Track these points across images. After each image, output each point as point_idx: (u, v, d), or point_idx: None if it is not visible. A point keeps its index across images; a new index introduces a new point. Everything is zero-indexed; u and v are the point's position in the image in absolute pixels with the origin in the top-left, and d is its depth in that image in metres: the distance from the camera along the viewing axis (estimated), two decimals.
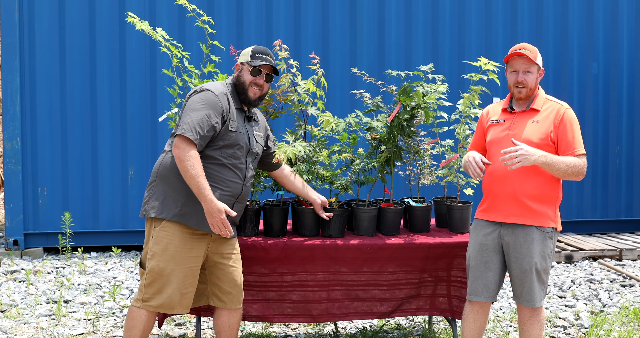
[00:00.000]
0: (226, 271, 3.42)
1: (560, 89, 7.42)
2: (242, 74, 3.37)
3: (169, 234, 3.25)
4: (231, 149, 3.28)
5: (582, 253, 6.62)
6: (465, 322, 3.55)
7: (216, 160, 3.26)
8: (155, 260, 3.25)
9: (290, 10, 7.03)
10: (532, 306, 3.38)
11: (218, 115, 3.20)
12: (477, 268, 3.47)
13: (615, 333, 4.47)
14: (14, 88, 6.66)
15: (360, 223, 3.94)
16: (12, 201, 6.70)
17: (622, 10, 7.55)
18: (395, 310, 3.95)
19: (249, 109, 3.45)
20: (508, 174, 3.34)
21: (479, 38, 7.33)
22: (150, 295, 3.26)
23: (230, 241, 3.45)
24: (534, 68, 3.40)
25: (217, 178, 3.26)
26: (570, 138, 3.32)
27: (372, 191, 4.16)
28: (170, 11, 6.79)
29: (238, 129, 3.30)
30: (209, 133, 3.19)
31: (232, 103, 3.31)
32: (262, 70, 3.36)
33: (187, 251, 3.27)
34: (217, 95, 3.24)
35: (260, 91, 3.38)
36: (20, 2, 6.63)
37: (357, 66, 6.78)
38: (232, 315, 3.49)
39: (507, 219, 3.38)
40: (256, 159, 3.50)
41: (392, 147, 3.99)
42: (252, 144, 3.41)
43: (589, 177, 7.55)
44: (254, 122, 3.50)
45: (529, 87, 3.41)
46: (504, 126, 3.45)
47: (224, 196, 3.28)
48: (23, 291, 5.43)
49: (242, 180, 3.35)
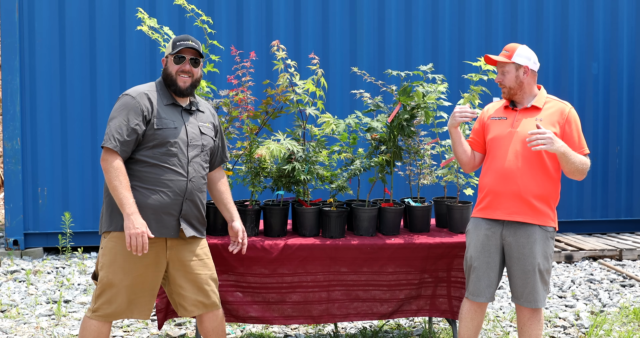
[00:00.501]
0: (188, 278, 3.28)
1: (560, 89, 7.42)
2: (168, 67, 3.27)
3: (117, 245, 3.16)
4: (163, 147, 3.16)
5: (582, 253, 6.61)
6: (463, 321, 3.54)
7: (150, 162, 3.15)
8: (104, 271, 3.18)
9: (290, 10, 7.03)
10: (535, 307, 3.36)
11: (138, 116, 3.11)
12: (480, 268, 3.44)
13: (615, 333, 4.47)
14: (14, 88, 6.66)
15: (360, 223, 3.94)
16: (12, 201, 6.70)
17: (622, 10, 7.55)
18: (396, 311, 3.95)
19: (190, 102, 3.33)
20: (512, 173, 3.33)
21: (479, 38, 7.33)
22: (99, 305, 3.19)
23: (190, 246, 3.30)
24: (509, 67, 3.42)
25: (155, 180, 3.15)
26: (576, 137, 3.34)
27: (372, 191, 4.16)
28: (170, 11, 6.79)
29: (166, 126, 3.17)
30: (131, 137, 3.10)
31: (157, 101, 3.20)
32: (185, 56, 3.25)
33: (138, 260, 3.15)
34: (135, 97, 3.16)
35: (190, 78, 3.25)
36: (20, 2, 6.63)
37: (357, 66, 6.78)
38: (212, 319, 3.39)
39: (511, 217, 3.35)
40: (206, 152, 3.33)
41: (392, 147, 3.99)
42: (191, 137, 3.25)
43: (589, 177, 7.55)
44: (197, 113, 3.34)
45: (508, 86, 3.43)
46: (506, 123, 3.44)
47: (167, 197, 3.16)
48: (23, 291, 5.43)
49: (185, 176, 3.21)
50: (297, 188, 4.03)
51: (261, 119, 4.07)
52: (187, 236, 3.24)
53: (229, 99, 3.99)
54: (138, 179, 3.15)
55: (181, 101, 3.31)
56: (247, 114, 3.96)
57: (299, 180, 3.92)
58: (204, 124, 3.35)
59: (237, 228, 3.47)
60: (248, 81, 3.96)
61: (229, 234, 3.54)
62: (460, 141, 3.56)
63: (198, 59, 3.30)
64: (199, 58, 3.30)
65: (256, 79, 4.18)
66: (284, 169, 3.91)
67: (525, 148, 3.32)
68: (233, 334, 4.48)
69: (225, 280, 3.81)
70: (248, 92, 3.96)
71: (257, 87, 4.29)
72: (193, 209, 3.28)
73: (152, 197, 3.15)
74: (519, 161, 3.33)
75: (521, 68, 3.41)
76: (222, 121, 3.97)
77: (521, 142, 3.34)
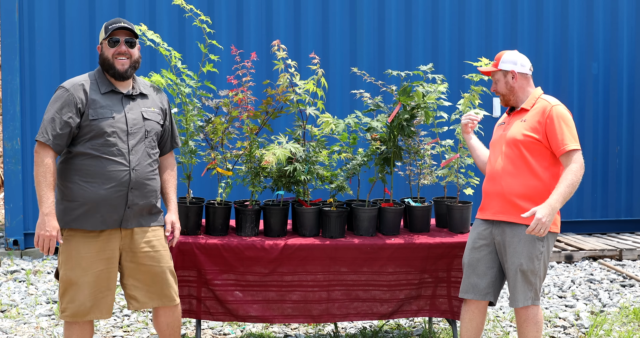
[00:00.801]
0: (141, 270, 3.22)
1: (560, 89, 7.41)
2: (103, 52, 3.19)
3: (71, 241, 3.12)
4: (100, 138, 3.09)
5: (582, 253, 6.61)
6: (462, 322, 3.58)
7: (89, 154, 3.09)
8: (63, 270, 3.15)
9: (290, 10, 7.03)
10: (514, 306, 3.40)
11: (71, 109, 3.06)
12: (469, 266, 3.52)
13: (615, 333, 4.47)
14: (14, 88, 6.66)
15: (360, 223, 3.94)
16: (12, 201, 6.69)
17: (622, 10, 7.54)
18: (396, 311, 3.95)
19: (133, 86, 3.24)
20: (497, 174, 3.42)
21: (479, 38, 7.32)
22: (65, 305, 3.15)
23: (145, 236, 3.22)
24: (498, 75, 3.51)
25: (95, 172, 3.08)
26: (559, 134, 3.31)
27: (372, 191, 4.16)
28: (170, 11, 6.79)
29: (102, 115, 3.10)
30: (63, 131, 3.05)
31: (93, 91, 3.13)
32: (119, 39, 3.16)
33: (95, 255, 3.12)
34: (68, 89, 3.11)
35: (128, 60, 3.17)
36: (20, 2, 6.63)
37: (357, 66, 6.78)
38: (168, 314, 3.31)
39: (496, 216, 3.42)
40: (151, 138, 3.24)
41: (392, 147, 3.99)
42: (132, 124, 3.16)
43: (589, 177, 7.55)
44: (139, 98, 3.25)
45: (502, 93, 3.53)
46: (502, 128, 3.55)
47: (110, 189, 3.09)
48: (23, 291, 5.43)
49: (127, 166, 3.12)
50: (297, 188, 4.03)
51: (261, 119, 4.07)
52: (131, 227, 3.17)
53: (229, 99, 3.99)
54: (80, 173, 3.10)
55: (122, 86, 3.22)
56: (247, 114, 3.96)
57: (299, 180, 3.92)
58: (148, 109, 3.25)
59: (166, 220, 3.36)
60: (248, 81, 3.95)
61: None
62: (472, 146, 3.70)
63: (133, 39, 3.22)
64: (134, 39, 3.22)
65: (256, 79, 4.18)
66: (284, 170, 3.91)
67: (509, 149, 3.41)
68: (233, 334, 4.48)
69: (225, 279, 3.81)
70: (248, 92, 3.96)
71: (257, 87, 4.28)
72: (141, 199, 3.19)
73: (94, 190, 3.08)
74: (503, 162, 3.41)
75: (508, 74, 3.48)
76: (222, 121, 3.97)
77: (506, 144, 3.42)
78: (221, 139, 3.99)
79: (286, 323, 4.66)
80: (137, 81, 3.30)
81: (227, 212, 3.94)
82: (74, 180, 3.10)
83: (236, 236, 3.90)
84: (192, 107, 3.95)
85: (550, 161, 3.36)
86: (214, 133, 3.96)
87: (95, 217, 3.10)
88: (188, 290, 3.83)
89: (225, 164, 4.03)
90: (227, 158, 4.03)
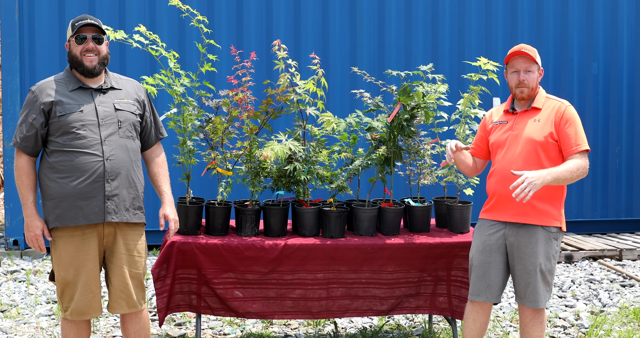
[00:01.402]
0: (116, 272, 3.24)
1: (560, 89, 7.41)
2: (71, 49, 3.21)
3: (59, 242, 3.16)
4: (71, 133, 3.11)
5: (582, 253, 6.61)
6: (466, 322, 3.56)
7: (61, 150, 3.11)
8: (57, 271, 3.19)
9: (290, 10, 7.03)
10: (535, 307, 3.37)
11: (36, 111, 3.12)
12: (480, 268, 3.46)
13: (615, 333, 4.47)
14: (14, 88, 6.66)
15: (360, 223, 3.94)
16: (12, 201, 6.69)
17: (622, 10, 7.54)
18: (395, 308, 3.95)
19: (104, 81, 3.26)
20: (511, 174, 3.33)
21: (479, 38, 7.32)
22: (66, 304, 3.19)
23: (125, 239, 3.24)
24: (534, 67, 3.42)
25: (68, 167, 3.10)
26: (572, 135, 3.32)
27: (372, 191, 4.16)
28: (170, 11, 6.79)
29: (70, 110, 3.12)
30: (30, 132, 3.13)
31: (60, 89, 3.16)
32: (86, 36, 3.18)
33: (83, 253, 3.16)
34: (34, 91, 3.17)
35: (97, 56, 3.19)
36: (20, 2, 6.63)
37: (357, 66, 6.78)
38: (135, 321, 3.33)
39: (513, 218, 3.38)
40: (125, 128, 3.22)
41: (392, 147, 3.99)
42: (103, 116, 3.16)
43: (589, 177, 7.55)
44: (111, 91, 3.25)
45: (531, 87, 3.43)
46: (507, 126, 3.47)
47: (85, 180, 3.10)
48: (23, 291, 5.43)
49: (100, 156, 3.12)
50: (297, 188, 4.03)
51: (261, 119, 4.07)
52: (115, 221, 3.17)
53: (229, 99, 3.99)
54: (55, 170, 3.13)
55: (92, 82, 3.23)
56: (247, 114, 3.96)
57: (299, 180, 3.92)
58: (122, 100, 3.26)
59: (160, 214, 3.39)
60: (248, 81, 3.95)
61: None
62: (460, 160, 3.61)
63: (100, 36, 3.22)
64: (101, 35, 3.23)
65: (256, 79, 4.18)
66: (284, 170, 3.92)
67: (525, 150, 3.35)
68: (233, 334, 4.48)
69: (225, 278, 3.81)
70: (248, 92, 3.96)
71: (257, 87, 4.28)
72: (120, 189, 3.18)
73: (70, 184, 3.10)
74: (519, 163, 3.35)
75: (539, 70, 3.46)
76: (222, 121, 3.97)
77: (522, 144, 3.36)
78: (221, 139, 3.99)
79: (286, 323, 4.67)
80: (109, 76, 3.32)
81: (227, 212, 3.94)
82: (52, 178, 3.14)
83: (236, 236, 3.90)
84: (192, 107, 3.95)
85: (561, 162, 3.34)
86: (214, 132, 3.96)
87: (75, 212, 3.12)
88: (188, 287, 3.84)
89: (225, 164, 4.03)
90: (227, 158, 4.03)
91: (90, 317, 3.22)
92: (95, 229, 3.18)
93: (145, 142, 3.40)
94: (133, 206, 3.24)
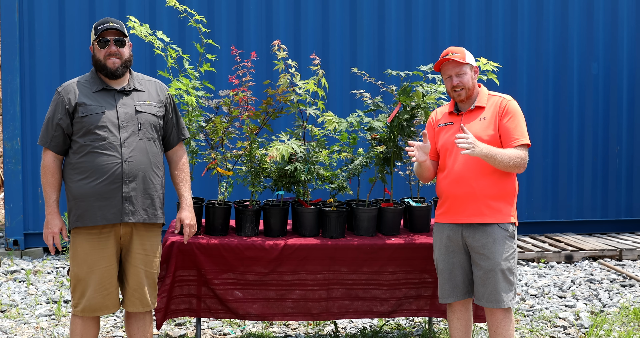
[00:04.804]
0: (132, 271, 3.29)
1: (560, 89, 7.42)
2: (95, 53, 3.27)
3: (77, 240, 3.23)
4: (92, 134, 3.17)
5: (582, 253, 6.61)
6: (451, 323, 3.58)
7: (84, 151, 3.17)
8: (72, 267, 3.26)
9: (290, 10, 7.03)
10: (498, 307, 3.35)
11: (61, 111, 3.19)
12: (446, 270, 3.49)
13: (615, 333, 4.47)
14: (14, 88, 6.66)
15: (360, 223, 3.94)
16: (12, 201, 6.69)
17: (622, 10, 7.55)
18: (396, 310, 3.95)
19: (128, 83, 3.31)
20: (465, 176, 3.35)
21: (479, 38, 7.33)
22: (77, 301, 3.24)
23: (142, 240, 3.29)
24: (465, 68, 3.42)
25: (89, 167, 3.16)
26: (512, 128, 3.33)
27: (372, 191, 4.16)
28: (170, 11, 6.79)
29: (92, 112, 3.18)
30: (57, 132, 3.20)
31: (85, 90, 3.22)
32: (108, 39, 3.23)
33: (98, 252, 3.21)
34: (60, 92, 3.23)
35: (119, 59, 3.24)
36: (20, 2, 6.64)
37: (357, 66, 6.79)
38: (141, 319, 3.38)
39: (469, 219, 3.38)
40: (146, 130, 3.27)
41: (392, 147, 3.99)
42: (123, 118, 3.21)
43: (589, 177, 7.55)
44: (134, 93, 3.30)
45: (467, 87, 3.43)
46: (453, 129, 3.46)
47: (103, 182, 3.15)
48: (23, 291, 5.43)
49: (119, 158, 3.17)
50: (297, 188, 4.03)
51: (261, 119, 4.07)
52: (133, 221, 3.21)
53: (229, 99, 3.99)
54: (77, 170, 3.19)
55: (115, 83, 3.29)
56: (247, 114, 3.96)
57: (299, 180, 3.92)
58: (143, 102, 3.30)
59: (180, 218, 3.44)
60: (248, 81, 3.96)
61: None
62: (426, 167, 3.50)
63: (122, 39, 3.27)
64: (124, 38, 3.28)
65: (256, 79, 4.18)
66: (284, 170, 3.92)
67: None
68: (233, 334, 4.48)
69: (225, 279, 3.81)
70: (248, 92, 3.96)
71: (257, 87, 4.28)
72: (138, 191, 3.22)
73: (89, 185, 3.16)
74: (470, 164, 3.35)
75: (473, 68, 3.45)
76: (222, 121, 3.97)
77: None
78: (221, 139, 3.99)
79: (286, 323, 4.67)
80: (133, 77, 3.36)
81: (227, 212, 3.94)
82: (74, 179, 3.20)
83: (236, 236, 3.90)
84: (192, 107, 3.96)
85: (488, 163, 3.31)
86: (215, 132, 3.97)
87: (93, 212, 3.17)
88: (188, 289, 3.84)
89: (226, 164, 4.03)
90: (227, 158, 4.03)
91: (102, 314, 3.28)
92: (112, 228, 3.23)
93: (167, 143, 3.45)
94: (151, 207, 3.28)
